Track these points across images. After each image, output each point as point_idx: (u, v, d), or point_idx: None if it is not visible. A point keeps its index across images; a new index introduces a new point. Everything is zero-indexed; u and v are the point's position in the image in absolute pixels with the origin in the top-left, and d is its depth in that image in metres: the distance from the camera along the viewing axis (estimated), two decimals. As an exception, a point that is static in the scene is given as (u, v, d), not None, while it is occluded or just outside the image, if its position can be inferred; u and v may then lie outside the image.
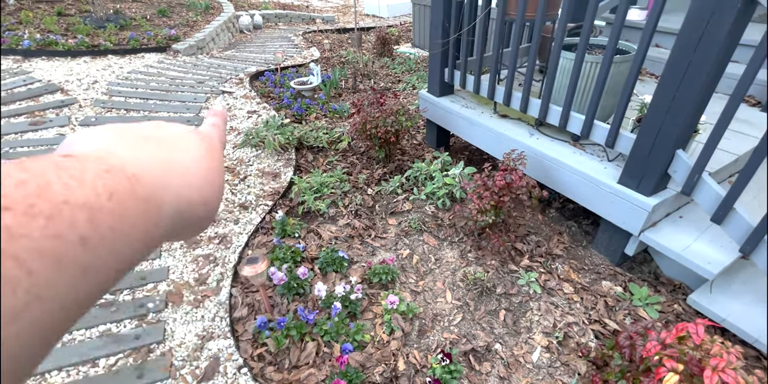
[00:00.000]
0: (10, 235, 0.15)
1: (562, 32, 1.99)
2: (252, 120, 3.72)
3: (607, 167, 2.10)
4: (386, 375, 1.66)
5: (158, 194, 0.22)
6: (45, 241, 0.16)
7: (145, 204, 0.21)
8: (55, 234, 0.16)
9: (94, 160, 0.20)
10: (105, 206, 0.18)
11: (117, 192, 0.19)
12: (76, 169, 0.18)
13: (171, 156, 0.25)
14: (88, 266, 0.18)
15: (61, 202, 0.17)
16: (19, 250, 0.15)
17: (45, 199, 0.17)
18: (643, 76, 3.30)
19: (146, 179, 0.22)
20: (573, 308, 1.96)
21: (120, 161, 0.21)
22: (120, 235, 0.19)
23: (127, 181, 0.20)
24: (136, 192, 0.20)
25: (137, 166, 0.22)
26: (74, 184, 0.18)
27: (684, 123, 1.66)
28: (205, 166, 0.27)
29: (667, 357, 1.06)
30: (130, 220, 0.20)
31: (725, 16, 1.41)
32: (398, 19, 8.91)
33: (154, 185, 0.22)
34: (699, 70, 1.53)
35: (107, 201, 0.19)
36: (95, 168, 0.19)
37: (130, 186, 0.20)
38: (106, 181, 0.19)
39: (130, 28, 5.85)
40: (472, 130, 2.71)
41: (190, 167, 0.26)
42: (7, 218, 0.15)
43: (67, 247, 0.17)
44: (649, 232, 1.93)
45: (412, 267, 2.21)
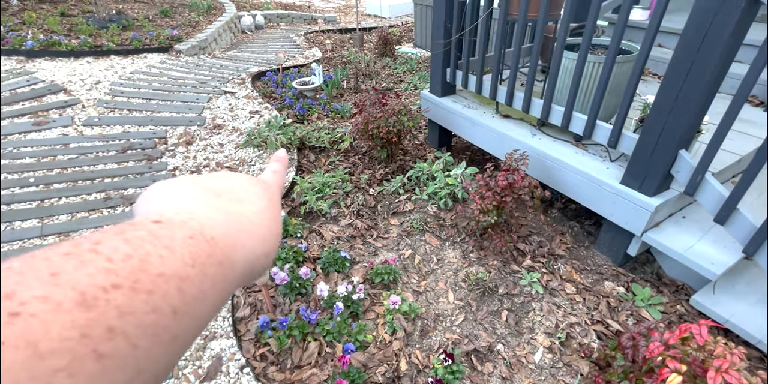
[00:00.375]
0: (120, 313, 0.17)
1: (564, 32, 1.99)
2: (254, 120, 3.73)
3: (610, 167, 2.10)
4: (388, 375, 1.66)
5: (231, 255, 0.24)
6: (146, 317, 0.18)
7: (221, 267, 0.23)
8: (154, 308, 0.18)
9: (179, 225, 0.22)
10: (190, 274, 0.20)
11: (199, 258, 0.21)
12: (167, 238, 0.21)
13: (240, 210, 0.27)
14: (177, 335, 0.19)
15: (157, 275, 0.19)
16: (128, 327, 0.17)
17: (146, 272, 0.18)
18: (645, 76, 3.29)
19: (222, 241, 0.24)
20: (575, 309, 1.95)
21: (200, 224, 0.23)
22: (202, 301, 0.21)
23: (206, 244, 0.22)
24: (215, 256, 0.22)
25: (214, 228, 0.24)
26: (167, 255, 0.20)
27: (687, 123, 1.66)
28: (268, 217, 0.29)
29: (671, 358, 1.06)
30: (210, 285, 0.21)
31: (729, 16, 1.41)
32: (400, 19, 8.91)
33: (228, 246, 0.24)
34: (702, 71, 1.53)
35: (192, 268, 0.20)
36: (181, 235, 0.21)
37: (209, 250, 0.22)
38: (191, 249, 0.21)
39: (133, 28, 5.87)
40: (474, 130, 2.71)
41: (255, 220, 0.28)
42: (117, 297, 0.17)
43: (162, 320, 0.18)
44: (652, 232, 1.93)
45: (414, 267, 2.21)
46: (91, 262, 0.17)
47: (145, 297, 0.18)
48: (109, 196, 2.69)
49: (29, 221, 2.45)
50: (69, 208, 2.56)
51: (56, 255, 0.17)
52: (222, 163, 3.09)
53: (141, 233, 0.20)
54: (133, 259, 0.18)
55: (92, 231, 2.04)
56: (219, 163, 3.09)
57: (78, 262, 0.17)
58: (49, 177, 2.84)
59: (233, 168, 3.04)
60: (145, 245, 0.19)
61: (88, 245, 0.18)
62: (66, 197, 2.66)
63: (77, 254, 0.17)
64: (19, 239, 2.31)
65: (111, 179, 2.87)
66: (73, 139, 3.28)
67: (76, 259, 0.17)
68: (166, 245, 0.20)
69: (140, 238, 0.19)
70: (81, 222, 2.46)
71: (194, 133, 3.50)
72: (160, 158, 3.13)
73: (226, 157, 3.18)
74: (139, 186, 2.81)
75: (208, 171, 3.01)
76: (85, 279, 0.17)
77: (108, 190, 2.75)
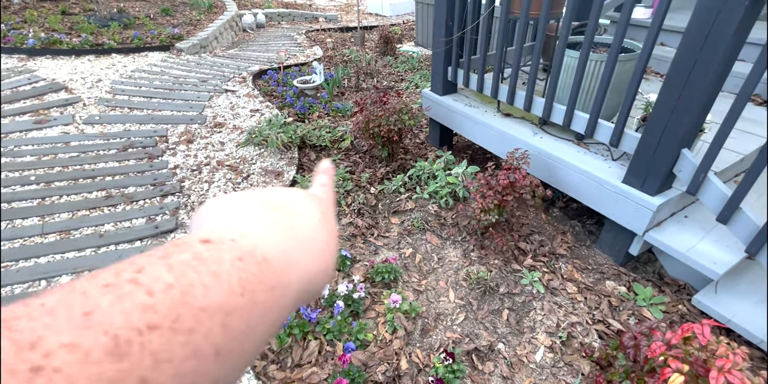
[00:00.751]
0: (156, 360, 0.15)
1: (566, 31, 1.98)
2: (255, 118, 3.72)
3: (612, 166, 2.09)
4: (389, 374, 1.66)
5: (285, 277, 0.22)
6: (184, 364, 0.16)
7: (273, 293, 0.21)
8: (194, 351, 0.16)
9: (228, 246, 0.20)
10: (238, 306, 0.19)
11: (249, 285, 0.19)
12: (214, 261, 0.19)
13: (295, 223, 0.26)
14: (217, 379, 0.18)
15: (200, 309, 0.17)
16: (163, 378, 0.15)
17: (188, 306, 0.17)
18: (647, 74, 3.27)
19: (275, 261, 0.22)
20: (576, 308, 1.95)
21: (251, 243, 0.22)
22: (249, 336, 0.19)
23: (257, 267, 0.21)
24: (266, 281, 0.21)
25: (267, 246, 0.22)
26: (212, 283, 0.18)
27: (690, 122, 1.65)
28: (324, 231, 0.28)
29: (673, 357, 1.05)
30: (259, 316, 0.20)
31: (732, 14, 1.40)
32: (401, 17, 8.89)
33: (282, 266, 0.22)
34: (705, 69, 1.52)
35: (240, 298, 0.19)
36: (230, 257, 0.20)
37: (261, 274, 0.20)
38: (240, 274, 0.19)
39: (134, 26, 5.86)
40: (475, 128, 2.70)
41: (312, 235, 0.26)
42: (154, 339, 0.15)
43: (203, 365, 0.17)
44: (654, 231, 1.92)
45: (415, 266, 2.21)
46: (129, 296, 0.16)
47: (185, 338, 0.16)
48: (110, 195, 2.69)
49: (30, 219, 2.45)
50: (70, 207, 2.56)
51: (95, 287, 0.16)
52: (223, 162, 3.09)
53: (186, 256, 0.18)
54: (174, 290, 0.17)
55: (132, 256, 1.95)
56: (220, 162, 3.09)
57: (115, 296, 0.16)
58: (50, 175, 2.84)
59: (234, 166, 3.04)
60: (188, 272, 0.18)
61: (128, 274, 0.17)
62: (67, 195, 2.66)
63: (116, 286, 0.16)
64: (20, 237, 2.31)
65: (112, 177, 2.87)
66: (74, 137, 3.28)
67: (115, 292, 0.16)
68: (213, 271, 0.18)
69: (185, 263, 0.18)
70: (82, 220, 2.46)
71: (195, 132, 3.49)
72: (161, 157, 3.13)
73: (227, 156, 3.18)
74: (140, 184, 2.81)
75: (209, 170, 3.00)
76: (119, 318, 0.15)
77: (109, 188, 2.75)
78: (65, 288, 0.16)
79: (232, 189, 2.81)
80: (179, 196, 2.71)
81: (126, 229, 2.42)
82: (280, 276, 0.22)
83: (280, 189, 0.30)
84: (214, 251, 0.20)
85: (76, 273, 2.12)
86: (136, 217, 2.51)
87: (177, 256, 0.18)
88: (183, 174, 2.95)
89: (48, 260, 2.19)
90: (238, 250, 0.20)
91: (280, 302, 0.21)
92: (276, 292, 0.21)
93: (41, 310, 0.15)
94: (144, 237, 2.37)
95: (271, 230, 0.24)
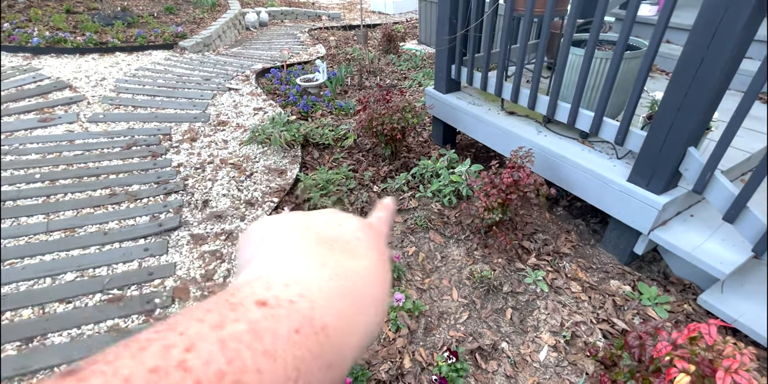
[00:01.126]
0: None
1: (571, 28, 1.96)
2: (258, 117, 3.73)
3: (617, 165, 2.08)
4: (392, 372, 1.66)
5: (344, 348, 0.20)
6: None
7: (330, 370, 0.19)
8: None
9: (286, 312, 0.19)
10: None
11: (304, 363, 0.18)
12: (270, 335, 0.17)
13: (354, 268, 0.24)
14: None
15: None
16: None
17: None
18: (653, 72, 3.25)
19: (335, 329, 0.20)
20: (581, 307, 1.94)
21: (310, 306, 0.20)
22: None
23: (315, 340, 0.19)
24: (324, 356, 0.19)
25: (327, 309, 0.20)
26: (266, 367, 0.16)
27: (696, 120, 1.63)
28: (382, 272, 0.26)
29: (679, 357, 1.04)
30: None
31: (740, 11, 1.38)
32: (404, 15, 8.87)
33: (341, 333, 0.20)
34: (712, 67, 1.50)
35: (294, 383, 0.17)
36: (287, 330, 0.18)
37: (318, 350, 0.18)
38: (296, 352, 0.17)
39: (138, 25, 5.88)
40: (479, 127, 2.69)
41: (370, 280, 0.24)
42: None
43: None
44: (659, 230, 1.91)
45: (418, 264, 2.20)
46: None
47: None
48: (114, 193, 2.70)
49: (35, 217, 2.46)
50: (74, 204, 2.57)
51: (140, 372, 0.14)
52: (226, 160, 3.09)
53: (241, 328, 0.17)
54: (225, 380, 0.15)
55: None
56: (223, 160, 3.09)
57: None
58: (54, 173, 2.85)
59: (237, 164, 3.04)
60: (242, 352, 0.16)
61: (178, 353, 0.15)
62: (71, 193, 2.67)
63: (164, 371, 0.15)
64: (25, 235, 2.32)
65: (116, 176, 2.88)
66: (78, 135, 3.30)
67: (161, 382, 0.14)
68: (267, 350, 0.17)
69: (238, 338, 0.16)
70: (86, 218, 2.47)
71: (198, 130, 3.50)
72: (164, 155, 3.14)
73: (231, 154, 3.18)
74: (144, 182, 2.81)
75: (212, 168, 3.01)
76: None
77: (113, 186, 2.76)
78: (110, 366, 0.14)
79: (236, 187, 2.81)
80: (183, 194, 2.72)
81: (130, 226, 2.43)
82: (340, 346, 0.20)
83: (336, 214, 0.28)
84: (271, 320, 0.18)
85: (80, 270, 2.13)
86: (140, 215, 2.52)
87: (232, 325, 0.17)
88: (186, 172, 2.95)
89: (53, 258, 2.20)
90: (297, 315, 0.19)
91: (336, 377, 0.19)
92: (333, 369, 0.19)
93: None
94: (148, 235, 2.38)
95: (329, 282, 0.22)
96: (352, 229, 0.28)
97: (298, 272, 0.22)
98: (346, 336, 0.20)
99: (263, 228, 0.26)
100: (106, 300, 1.99)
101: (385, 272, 0.26)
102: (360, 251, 0.26)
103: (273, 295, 0.19)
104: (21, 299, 1.97)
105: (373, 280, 0.25)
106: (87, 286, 2.05)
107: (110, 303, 1.97)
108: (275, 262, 0.22)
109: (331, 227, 0.27)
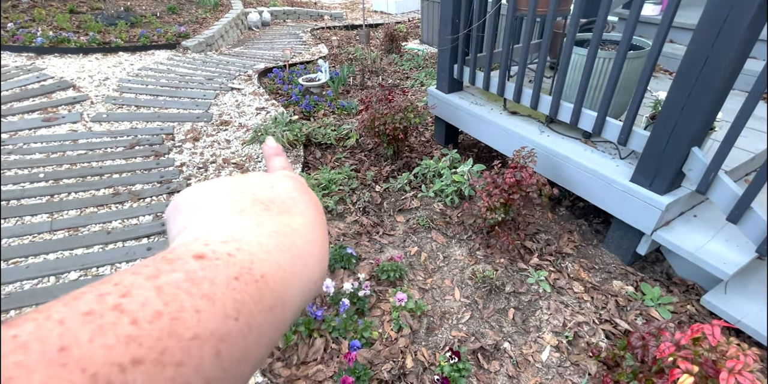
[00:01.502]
0: None
1: (574, 28, 1.96)
2: (260, 116, 3.73)
3: (620, 165, 2.07)
4: (394, 372, 1.66)
5: (285, 294, 0.20)
6: None
7: (272, 313, 0.19)
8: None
9: (224, 261, 0.19)
10: (232, 331, 0.17)
11: (245, 307, 0.18)
12: (208, 282, 0.17)
13: (292, 224, 0.24)
14: None
15: (191, 339, 0.16)
16: None
17: (177, 337, 0.15)
18: (656, 72, 3.24)
19: (274, 278, 0.20)
20: (583, 307, 1.94)
21: (249, 257, 0.20)
22: (245, 363, 0.18)
23: (255, 286, 0.19)
24: (264, 300, 0.19)
25: (266, 260, 0.20)
26: (205, 308, 0.16)
27: (700, 120, 1.63)
28: (320, 228, 0.26)
29: (682, 358, 1.04)
30: (255, 339, 0.18)
31: (745, 9, 1.38)
32: (406, 15, 8.86)
33: (281, 282, 0.20)
34: (717, 66, 1.50)
35: (235, 322, 0.17)
36: (225, 277, 0.18)
37: (258, 294, 0.19)
38: (235, 296, 0.18)
39: (141, 25, 5.89)
40: (481, 126, 2.69)
41: (309, 236, 0.25)
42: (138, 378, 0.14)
43: None
44: (662, 231, 1.90)
45: (421, 264, 2.20)
46: (111, 327, 0.14)
47: (173, 372, 0.15)
48: (118, 192, 2.71)
49: (39, 216, 2.47)
50: (78, 204, 2.58)
51: (75, 315, 0.14)
52: (229, 160, 3.10)
53: (177, 276, 0.17)
54: (162, 318, 0.15)
55: (122, 267, 2.02)
56: (226, 160, 3.10)
57: (96, 326, 0.14)
58: (58, 172, 2.86)
59: (240, 164, 3.05)
60: (179, 295, 0.16)
61: (113, 299, 0.15)
62: (75, 193, 2.69)
63: (98, 314, 0.15)
64: (29, 234, 2.33)
65: (119, 175, 2.89)
66: (81, 135, 3.31)
67: (96, 321, 0.14)
68: (206, 293, 0.17)
69: (175, 285, 0.16)
70: (90, 217, 2.48)
71: (201, 130, 3.51)
72: (167, 154, 3.15)
73: (233, 154, 3.19)
74: (147, 181, 2.82)
75: (215, 167, 3.01)
76: (100, 354, 0.14)
77: (116, 185, 2.77)
78: (41, 314, 0.14)
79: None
80: (185, 194, 2.72)
81: (133, 226, 2.44)
82: (280, 293, 0.20)
83: (262, 178, 0.28)
84: (208, 270, 0.18)
85: (83, 269, 2.14)
86: (143, 215, 2.52)
87: (168, 275, 0.17)
88: (189, 171, 2.96)
89: (56, 257, 2.21)
90: (235, 266, 0.19)
91: (279, 321, 0.20)
92: (275, 312, 0.19)
93: (13, 343, 0.13)
94: (151, 234, 2.38)
95: (268, 238, 0.22)
96: (286, 189, 0.28)
97: (237, 231, 0.21)
98: (287, 285, 0.21)
99: (193, 196, 0.25)
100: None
101: (322, 228, 0.27)
102: (296, 210, 0.26)
103: (211, 250, 0.19)
104: (25, 298, 1.98)
105: (311, 237, 0.25)
106: (90, 285, 2.05)
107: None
108: (212, 224, 0.22)
109: (264, 189, 0.27)
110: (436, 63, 3.56)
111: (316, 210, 0.28)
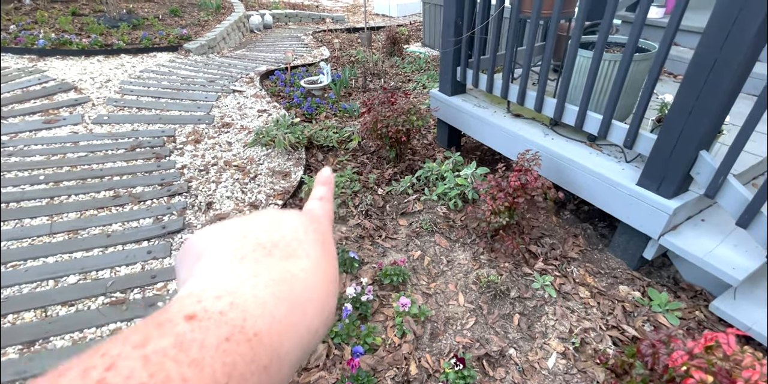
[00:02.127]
0: None
1: (579, 30, 1.94)
2: (262, 119, 3.72)
3: (625, 168, 2.05)
4: (398, 379, 1.63)
5: (281, 350, 0.20)
6: None
7: (266, 372, 0.19)
8: None
9: (215, 322, 0.18)
10: None
11: (236, 369, 0.17)
12: (197, 346, 0.17)
13: (293, 270, 0.24)
14: None
15: None
16: None
17: None
18: (661, 75, 3.22)
19: (269, 335, 0.20)
20: (589, 313, 1.91)
21: (242, 315, 0.19)
22: None
23: (247, 346, 0.18)
24: (257, 360, 0.19)
25: (260, 317, 0.20)
26: (192, 375, 0.16)
27: (708, 123, 1.60)
28: (325, 271, 0.26)
29: (696, 368, 1.01)
30: None
31: (755, 11, 1.36)
32: (408, 18, 8.87)
33: (277, 338, 0.20)
34: (725, 69, 1.48)
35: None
36: (216, 339, 0.18)
37: (251, 354, 0.18)
38: (225, 359, 0.17)
39: (143, 27, 5.90)
40: (485, 129, 2.67)
41: (311, 281, 0.24)
42: None
43: None
44: (670, 235, 1.87)
45: (424, 268, 2.18)
46: None
47: None
48: (118, 194, 2.69)
49: (39, 219, 2.45)
50: (78, 206, 2.56)
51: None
52: (230, 162, 3.08)
53: (165, 343, 0.17)
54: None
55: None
56: (227, 162, 3.08)
57: None
58: (58, 175, 2.84)
59: (241, 167, 3.03)
60: (166, 364, 0.16)
61: (97, 373, 0.15)
62: (75, 195, 2.66)
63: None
64: (29, 236, 2.31)
65: (120, 177, 2.87)
66: (82, 137, 3.29)
67: None
68: (194, 359, 0.17)
69: (162, 353, 0.16)
70: (90, 220, 2.46)
71: (203, 132, 3.49)
72: (168, 156, 3.13)
73: (235, 156, 3.17)
74: (148, 184, 2.80)
75: (216, 170, 2.99)
76: None
77: (117, 188, 2.75)
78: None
79: (240, 189, 2.79)
80: (186, 197, 2.71)
81: (133, 229, 2.42)
82: (275, 348, 0.20)
83: (271, 218, 0.27)
84: (198, 332, 0.18)
85: (83, 273, 2.12)
86: (144, 217, 2.50)
87: (155, 342, 0.17)
88: (190, 174, 2.94)
89: (56, 260, 2.18)
90: (227, 325, 0.18)
91: (275, 379, 0.19)
92: (270, 370, 0.19)
93: None
94: (151, 237, 2.36)
95: (264, 289, 0.21)
96: (291, 230, 0.27)
97: (232, 283, 0.21)
98: (282, 338, 0.20)
99: (199, 242, 0.25)
100: (109, 303, 1.97)
101: (325, 270, 0.26)
102: (300, 253, 0.25)
103: (202, 308, 0.19)
104: (24, 302, 1.95)
105: (312, 281, 0.24)
106: (90, 289, 2.03)
107: (112, 306, 1.95)
108: (209, 277, 0.22)
109: (269, 232, 0.26)
110: (438, 66, 3.54)
111: (323, 249, 0.27)
